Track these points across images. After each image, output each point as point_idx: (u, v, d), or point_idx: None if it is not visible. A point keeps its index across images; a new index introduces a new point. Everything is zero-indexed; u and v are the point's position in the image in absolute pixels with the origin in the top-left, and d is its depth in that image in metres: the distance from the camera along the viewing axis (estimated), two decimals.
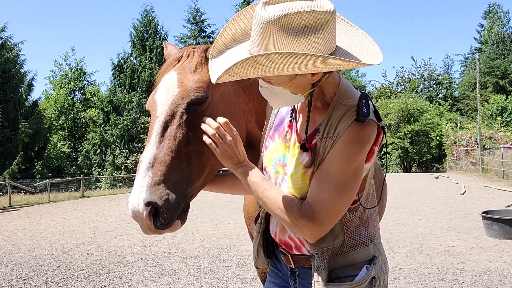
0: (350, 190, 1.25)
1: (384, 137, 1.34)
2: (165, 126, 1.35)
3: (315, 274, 1.29)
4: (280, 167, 1.39)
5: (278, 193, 1.29)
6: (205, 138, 1.32)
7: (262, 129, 1.60)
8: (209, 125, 1.31)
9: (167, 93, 1.41)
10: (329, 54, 1.12)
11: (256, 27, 1.13)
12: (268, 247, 1.55)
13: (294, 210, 1.24)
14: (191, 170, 1.37)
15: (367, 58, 1.16)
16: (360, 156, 1.24)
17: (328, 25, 1.09)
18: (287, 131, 1.42)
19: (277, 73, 1.11)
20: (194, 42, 35.65)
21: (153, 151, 1.31)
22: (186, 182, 1.35)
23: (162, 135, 1.34)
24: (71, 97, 45.78)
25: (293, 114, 1.43)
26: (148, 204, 1.23)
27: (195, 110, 1.39)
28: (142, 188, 1.25)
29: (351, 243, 1.33)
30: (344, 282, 1.27)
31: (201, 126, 1.33)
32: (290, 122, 1.42)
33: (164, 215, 1.26)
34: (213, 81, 1.21)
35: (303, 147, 1.31)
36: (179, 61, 1.50)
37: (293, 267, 1.42)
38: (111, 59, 49.68)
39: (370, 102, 1.26)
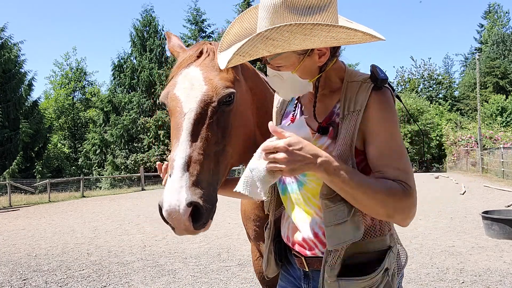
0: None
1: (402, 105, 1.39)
2: (196, 124, 1.31)
3: (327, 268, 1.21)
4: None
5: (372, 183, 1.15)
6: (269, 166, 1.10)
7: (261, 129, 1.59)
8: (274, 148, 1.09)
9: (191, 89, 1.37)
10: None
11: (263, 11, 1.15)
12: (281, 251, 1.51)
13: (399, 192, 1.14)
14: (218, 169, 1.35)
15: (371, 34, 1.15)
16: (396, 119, 1.23)
17: (331, 6, 1.13)
18: (289, 124, 1.39)
19: (287, 48, 1.12)
20: (194, 42, 35.58)
21: (187, 150, 1.27)
22: (216, 181, 1.34)
23: (193, 133, 1.30)
24: (71, 97, 45.85)
25: (296, 109, 1.41)
26: (190, 204, 1.19)
27: (223, 109, 1.37)
28: (181, 188, 1.20)
29: (367, 231, 1.25)
30: (356, 277, 1.19)
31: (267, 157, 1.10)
32: (293, 116, 1.41)
33: (205, 215, 1.24)
34: (223, 65, 1.22)
35: (323, 130, 1.27)
36: (198, 57, 1.46)
37: (307, 270, 1.38)
38: (111, 59, 49.83)
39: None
